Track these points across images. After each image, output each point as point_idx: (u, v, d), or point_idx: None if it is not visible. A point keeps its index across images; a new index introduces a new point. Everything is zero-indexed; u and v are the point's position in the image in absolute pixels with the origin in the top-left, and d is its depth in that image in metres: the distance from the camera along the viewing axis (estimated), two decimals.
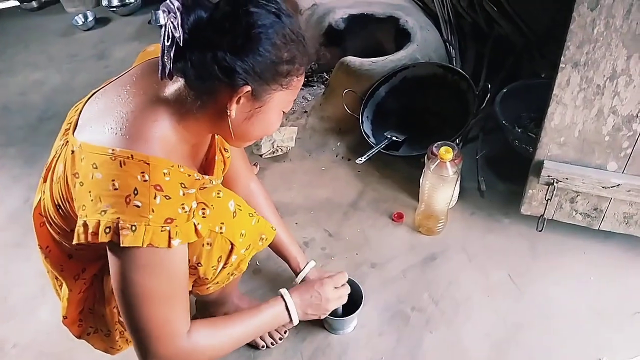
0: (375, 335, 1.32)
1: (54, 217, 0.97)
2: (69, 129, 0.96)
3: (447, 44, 2.06)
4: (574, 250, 1.46)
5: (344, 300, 1.21)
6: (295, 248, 1.30)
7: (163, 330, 0.88)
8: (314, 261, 1.31)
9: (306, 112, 2.01)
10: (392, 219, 1.59)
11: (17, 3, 2.84)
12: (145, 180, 0.81)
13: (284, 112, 0.96)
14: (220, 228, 0.96)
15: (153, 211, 0.80)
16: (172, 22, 0.80)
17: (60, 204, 0.94)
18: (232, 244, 0.98)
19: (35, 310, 1.44)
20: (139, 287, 0.85)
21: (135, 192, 0.80)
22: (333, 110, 1.91)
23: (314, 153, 1.84)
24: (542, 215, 1.41)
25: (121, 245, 0.80)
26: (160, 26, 0.83)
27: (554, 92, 1.17)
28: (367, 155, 1.66)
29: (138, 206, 0.80)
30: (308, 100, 2.08)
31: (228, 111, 0.87)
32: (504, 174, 1.67)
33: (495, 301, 1.36)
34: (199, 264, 0.97)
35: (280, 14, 0.85)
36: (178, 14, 0.80)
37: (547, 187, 1.33)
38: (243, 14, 0.82)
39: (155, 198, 0.81)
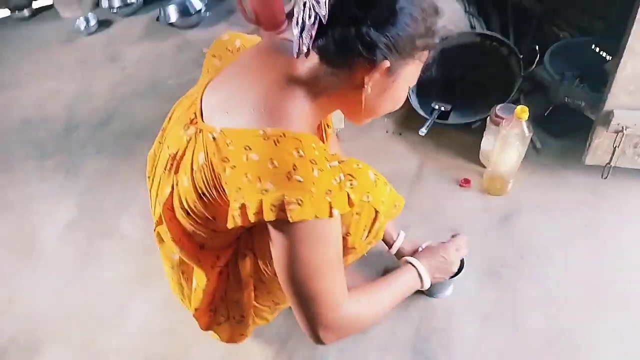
0: (474, 295, 1.38)
1: (194, 206, 0.97)
2: (194, 118, 0.97)
3: (470, 15, 2.12)
4: (637, 193, 1.55)
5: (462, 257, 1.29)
6: None
7: (330, 299, 0.91)
8: (403, 232, 1.36)
9: None
10: (460, 185, 1.65)
11: (8, 12, 2.72)
12: (301, 156, 0.83)
13: (409, 86, 0.99)
14: (367, 197, 0.99)
15: (314, 184, 0.83)
16: (315, 1, 0.82)
17: (205, 191, 0.94)
18: (376, 211, 1.01)
19: (128, 316, 1.43)
20: (306, 260, 0.87)
21: (295, 167, 0.82)
22: None
23: (364, 132, 1.87)
24: (608, 163, 1.49)
25: (290, 220, 0.82)
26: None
27: (628, 43, 1.25)
28: (427, 126, 1.71)
29: (300, 181, 0.82)
30: None
31: (365, 86, 0.90)
32: (554, 130, 1.75)
33: (576, 249, 1.45)
34: (348, 234, 1.00)
35: None
36: None
37: (615, 135, 1.42)
38: None
39: (313, 171, 0.83)
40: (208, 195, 0.95)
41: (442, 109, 1.83)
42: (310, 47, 0.85)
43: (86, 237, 1.66)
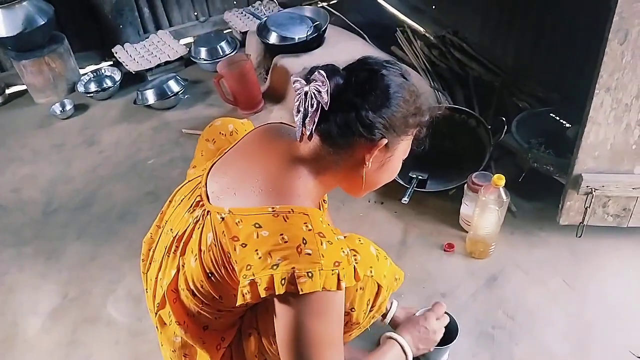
0: (469, 358, 1.40)
1: (202, 286, 0.99)
2: (200, 200, 1.01)
3: (435, 90, 2.28)
4: (608, 248, 1.66)
5: (443, 327, 1.31)
6: None
7: None
8: (396, 301, 1.40)
9: None
10: (444, 250, 1.71)
11: None
12: (310, 230, 0.88)
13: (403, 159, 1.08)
14: (371, 271, 1.03)
15: (323, 256, 0.87)
16: (317, 91, 0.91)
17: (214, 271, 0.97)
18: (379, 285, 1.05)
19: None
20: (312, 333, 0.90)
21: (304, 241, 0.87)
22: None
23: (346, 202, 1.93)
24: (581, 222, 1.60)
25: (300, 292, 0.85)
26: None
27: (589, 115, 1.38)
28: (408, 194, 1.79)
29: (309, 254, 0.86)
30: None
31: (366, 162, 0.97)
32: (526, 194, 1.86)
33: (560, 306, 1.51)
34: (352, 309, 1.03)
35: (404, 74, 0.99)
36: (327, 81, 0.90)
37: (585, 196, 1.53)
38: (379, 77, 0.95)
39: (322, 244, 0.88)
40: (216, 275, 0.97)
41: (420, 177, 1.92)
42: (313, 131, 0.93)
43: (72, 324, 1.61)
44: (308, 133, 0.94)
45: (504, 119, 1.83)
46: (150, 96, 2.51)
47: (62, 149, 2.42)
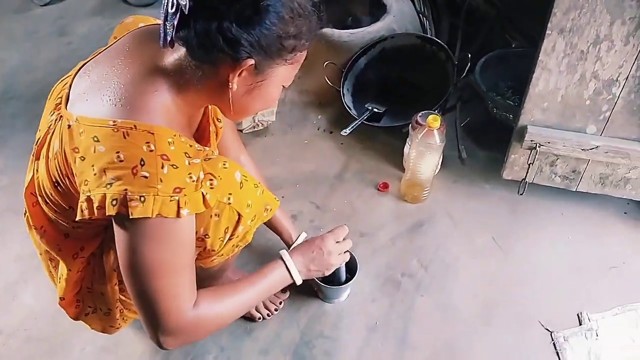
0: (368, 302, 1.35)
1: (51, 194, 0.94)
2: (60, 103, 0.93)
3: (421, 15, 2.07)
4: (552, 212, 1.53)
5: (347, 257, 1.23)
6: (287, 220, 1.30)
7: (171, 303, 0.88)
8: (305, 233, 1.32)
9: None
10: (378, 189, 1.61)
11: None
12: (152, 150, 0.80)
13: (284, 86, 0.95)
14: (229, 199, 0.95)
15: (161, 181, 0.79)
16: None
17: (59, 180, 0.91)
18: (239, 214, 0.98)
19: (18, 296, 1.40)
20: (147, 260, 0.84)
21: (142, 162, 0.79)
22: (312, 84, 1.90)
23: (295, 127, 1.83)
24: (524, 179, 1.46)
25: (130, 216, 0.79)
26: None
27: (539, 59, 1.21)
28: (352, 127, 1.67)
29: (146, 177, 0.79)
30: None
31: (230, 84, 0.86)
32: (483, 141, 1.72)
33: (481, 263, 1.42)
34: (207, 236, 0.97)
35: None
36: None
37: (529, 151, 1.38)
38: None
39: (162, 168, 0.80)
40: (62, 185, 0.92)
41: (375, 110, 1.79)
42: (174, 38, 0.81)
43: None
44: (168, 39, 0.83)
45: (469, 55, 1.63)
46: None
47: (33, 36, 2.36)
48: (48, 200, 0.96)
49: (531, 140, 1.34)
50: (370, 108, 1.79)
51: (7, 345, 1.29)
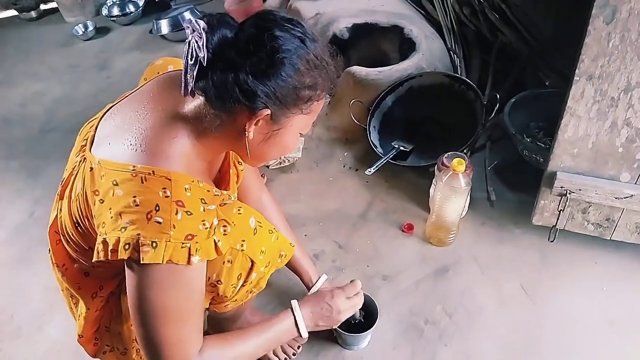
0: (389, 350, 1.31)
1: (72, 234, 0.96)
2: (85, 145, 0.96)
3: (452, 52, 2.06)
4: (585, 261, 1.46)
5: (357, 308, 1.20)
6: (307, 261, 1.29)
7: (176, 349, 0.88)
8: (325, 275, 1.30)
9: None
10: (402, 230, 1.58)
11: (16, 13, 2.82)
12: (167, 196, 0.80)
13: (301, 134, 0.95)
14: (242, 245, 0.95)
15: (174, 227, 0.80)
16: (196, 42, 0.80)
17: (79, 221, 0.93)
18: (252, 261, 0.97)
19: (44, 328, 1.42)
20: (155, 305, 0.84)
21: (157, 208, 0.80)
22: (339, 120, 1.91)
23: (321, 163, 1.83)
24: (554, 225, 1.41)
25: (141, 261, 0.80)
26: (184, 42, 0.82)
27: (567, 105, 1.17)
28: (377, 166, 1.65)
29: (159, 222, 0.79)
30: None
31: (246, 132, 0.87)
32: (513, 183, 1.67)
33: (508, 312, 1.36)
34: (219, 282, 0.97)
35: (305, 38, 0.84)
36: (203, 34, 0.80)
37: (559, 197, 1.33)
38: (268, 37, 0.81)
39: (176, 214, 0.80)
40: (82, 226, 0.94)
41: (402, 148, 1.77)
42: (193, 88, 0.84)
43: (28, 242, 1.67)
44: (189, 89, 0.85)
45: (497, 95, 1.60)
46: (164, 26, 2.47)
47: (75, 70, 2.47)
48: (69, 240, 0.98)
49: (561, 187, 1.30)
50: (396, 146, 1.77)
51: None
